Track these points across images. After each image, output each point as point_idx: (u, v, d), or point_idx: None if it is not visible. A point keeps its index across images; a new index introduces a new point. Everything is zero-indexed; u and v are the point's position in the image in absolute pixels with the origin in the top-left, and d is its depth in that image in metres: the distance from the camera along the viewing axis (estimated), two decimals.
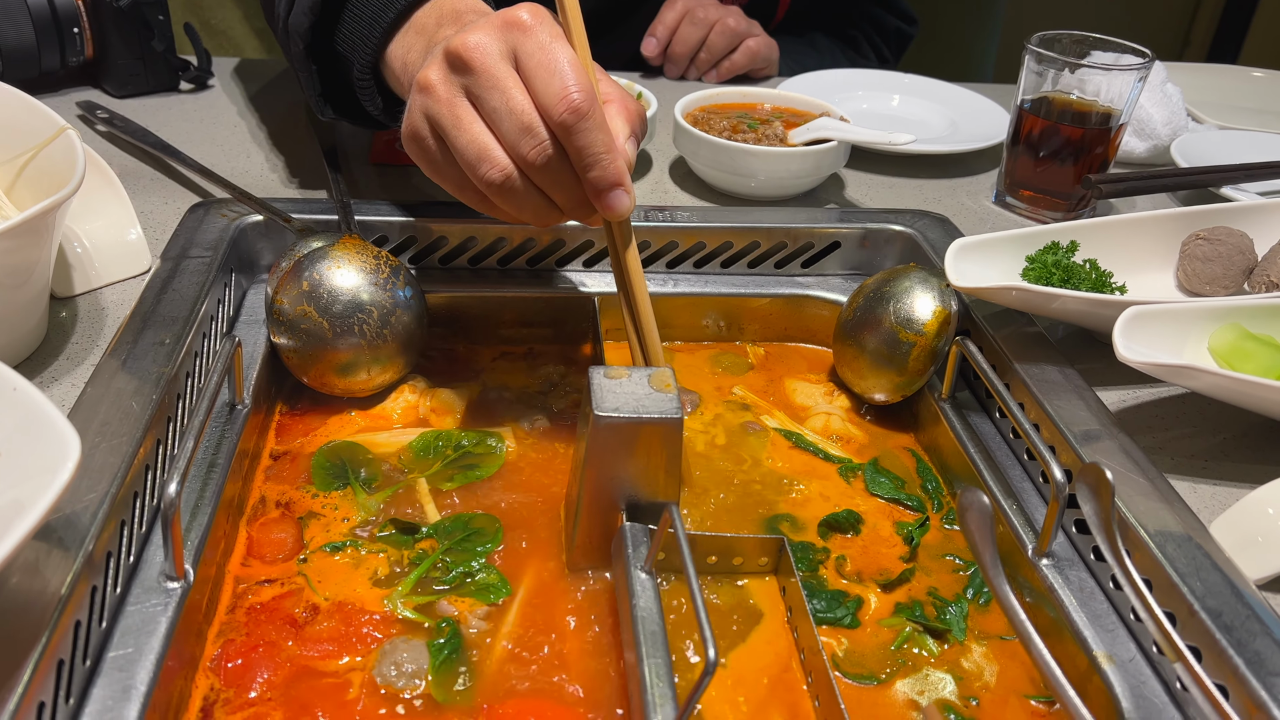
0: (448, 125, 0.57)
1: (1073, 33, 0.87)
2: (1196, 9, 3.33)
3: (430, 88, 0.57)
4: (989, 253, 0.69)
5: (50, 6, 0.89)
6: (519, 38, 0.55)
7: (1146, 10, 3.33)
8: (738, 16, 1.11)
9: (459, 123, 0.56)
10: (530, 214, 0.59)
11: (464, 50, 0.55)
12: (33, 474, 0.41)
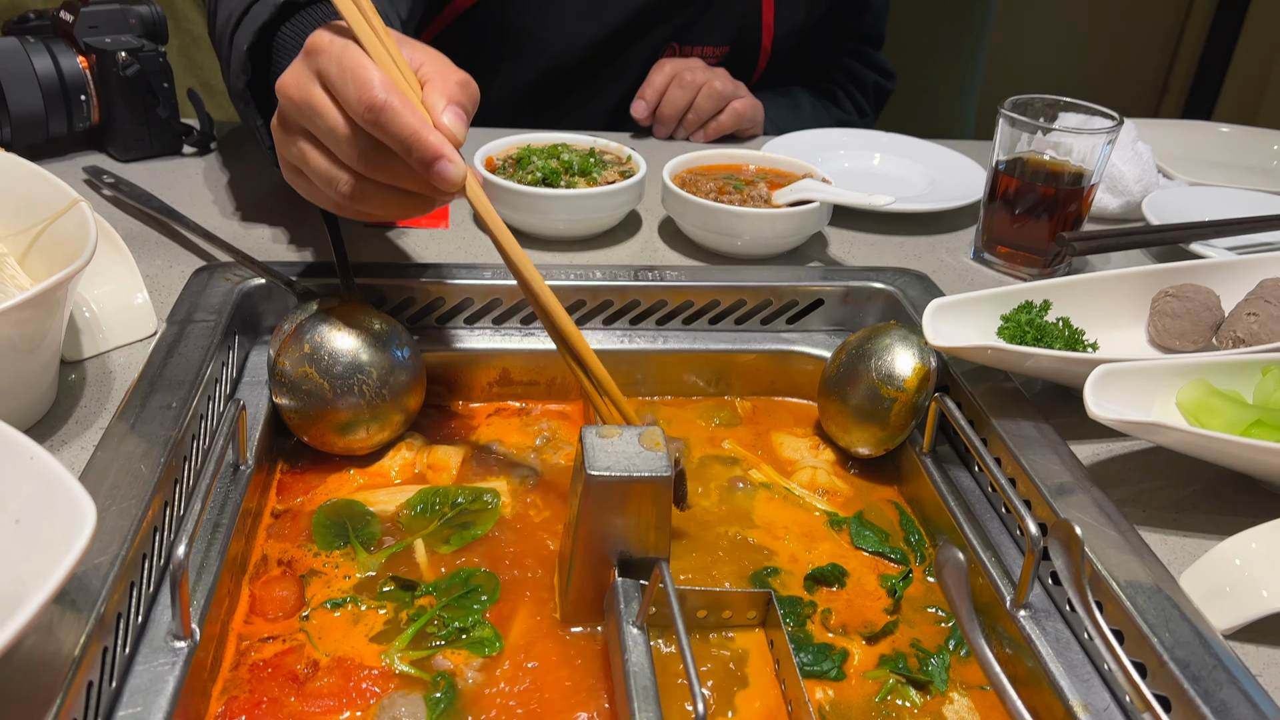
0: (298, 162, 0.63)
1: (1044, 96, 0.90)
2: (1174, 56, 3.41)
3: (277, 131, 0.64)
4: (965, 312, 0.72)
5: (59, 75, 0.92)
6: (318, 61, 0.60)
7: (1125, 57, 3.41)
8: (724, 79, 1.15)
9: (303, 157, 0.62)
10: (397, 209, 0.63)
11: (281, 91, 0.61)
12: (50, 542, 0.43)
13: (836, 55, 1.37)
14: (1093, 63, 3.35)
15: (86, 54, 0.94)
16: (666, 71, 1.14)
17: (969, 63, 1.78)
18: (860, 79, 1.37)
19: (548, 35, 1.19)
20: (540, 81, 1.24)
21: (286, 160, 0.65)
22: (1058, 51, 3.33)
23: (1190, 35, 3.35)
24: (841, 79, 1.38)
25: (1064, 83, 3.35)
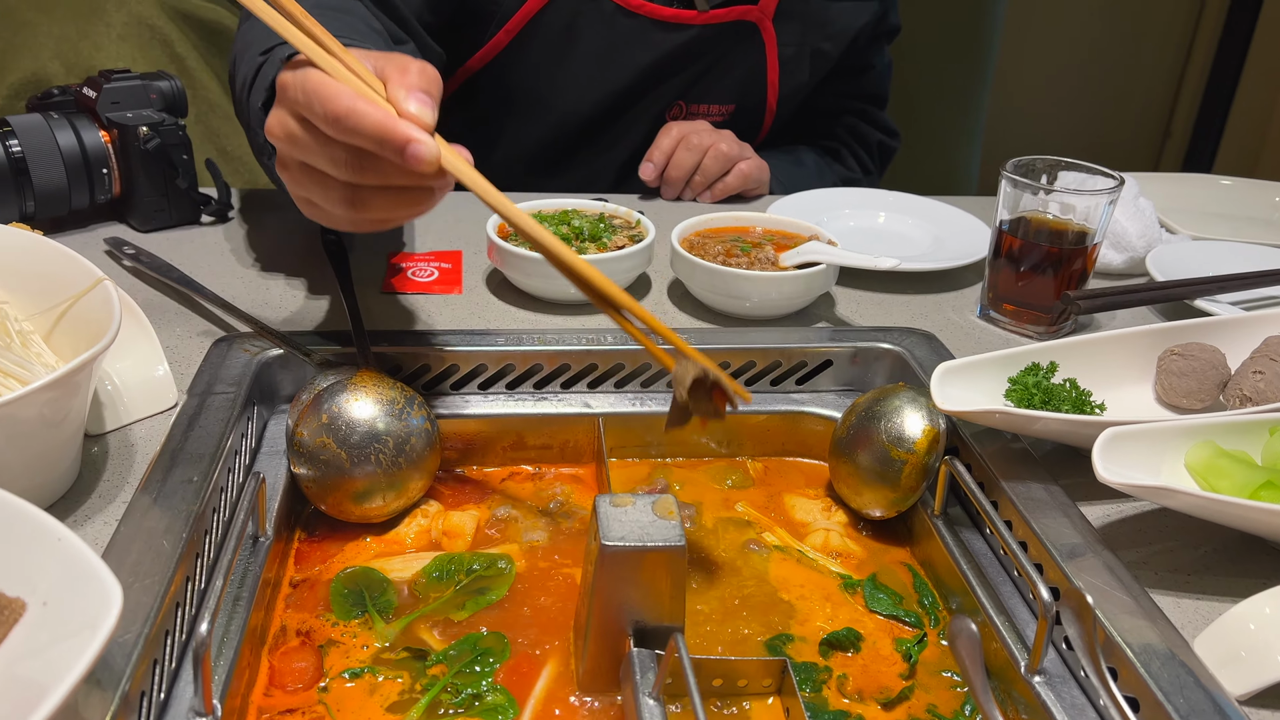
0: (304, 193, 0.67)
1: (1046, 157, 0.92)
2: (1173, 108, 3.45)
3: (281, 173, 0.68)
4: (972, 375, 0.73)
5: (81, 149, 0.95)
6: (287, 96, 0.64)
7: (1125, 109, 3.44)
8: (730, 141, 1.17)
9: (306, 186, 0.66)
10: (401, 208, 0.65)
11: (269, 135, 0.66)
12: (77, 626, 0.44)
13: (841, 115, 1.39)
14: (1092, 116, 3.39)
15: (109, 128, 0.96)
16: (674, 134, 1.16)
17: (971, 117, 1.81)
18: (864, 137, 1.40)
19: (554, 96, 1.22)
20: (548, 141, 1.26)
21: (296, 196, 0.68)
22: (1058, 105, 3.37)
23: (1188, 87, 3.39)
24: (846, 137, 1.40)
25: (1065, 134, 3.39)
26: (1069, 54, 3.33)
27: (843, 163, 1.38)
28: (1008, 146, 3.64)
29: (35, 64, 1.28)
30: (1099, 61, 3.35)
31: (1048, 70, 3.33)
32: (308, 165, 0.65)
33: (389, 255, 0.99)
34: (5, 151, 0.91)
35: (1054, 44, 3.30)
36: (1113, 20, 3.30)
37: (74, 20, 1.31)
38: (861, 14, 1.27)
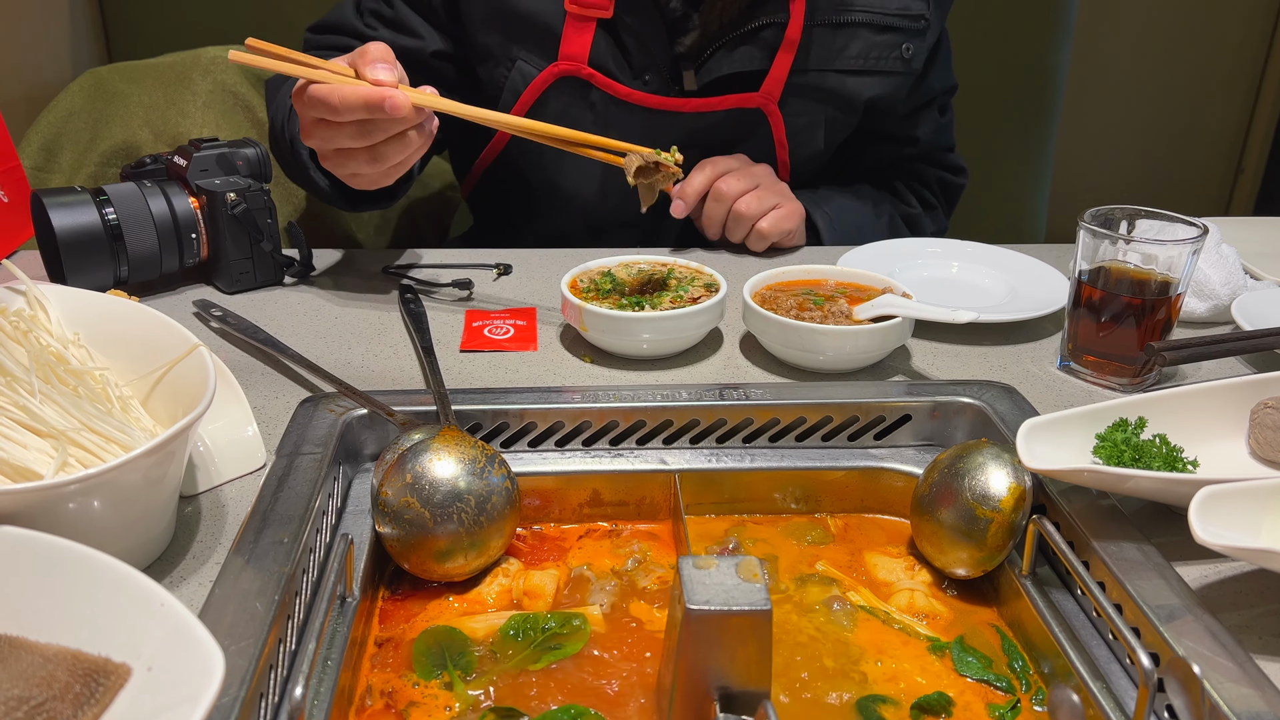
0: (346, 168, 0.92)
1: (1123, 206, 0.91)
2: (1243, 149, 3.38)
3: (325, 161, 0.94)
4: (1058, 431, 0.72)
5: (172, 215, 0.98)
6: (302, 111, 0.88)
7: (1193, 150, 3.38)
8: (753, 199, 1.14)
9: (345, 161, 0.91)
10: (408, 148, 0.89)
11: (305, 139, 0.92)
12: (182, 693, 0.45)
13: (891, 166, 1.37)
14: (1161, 155, 3.33)
15: (197, 195, 1.00)
16: (707, 174, 1.15)
17: (1038, 163, 1.79)
18: (922, 175, 1.37)
19: (567, 183, 1.23)
20: (574, 226, 1.26)
21: (341, 175, 0.94)
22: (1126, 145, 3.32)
23: (1259, 122, 3.32)
24: (901, 175, 1.38)
25: (1134, 174, 3.34)
26: (1135, 93, 3.29)
27: (900, 198, 1.36)
28: (1076, 191, 3.61)
29: (126, 132, 1.33)
30: (1166, 100, 3.30)
31: (1114, 111, 3.29)
32: (339, 149, 0.89)
33: (466, 313, 1.01)
34: (102, 219, 0.95)
35: (1120, 85, 3.26)
36: (1179, 57, 3.25)
37: (163, 90, 1.37)
38: (874, 87, 1.23)
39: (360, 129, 0.86)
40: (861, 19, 1.18)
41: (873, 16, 1.18)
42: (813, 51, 1.17)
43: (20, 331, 0.67)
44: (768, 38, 1.16)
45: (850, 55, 1.19)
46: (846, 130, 1.28)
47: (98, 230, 0.94)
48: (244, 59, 0.86)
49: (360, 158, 0.89)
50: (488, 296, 1.06)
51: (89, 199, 0.95)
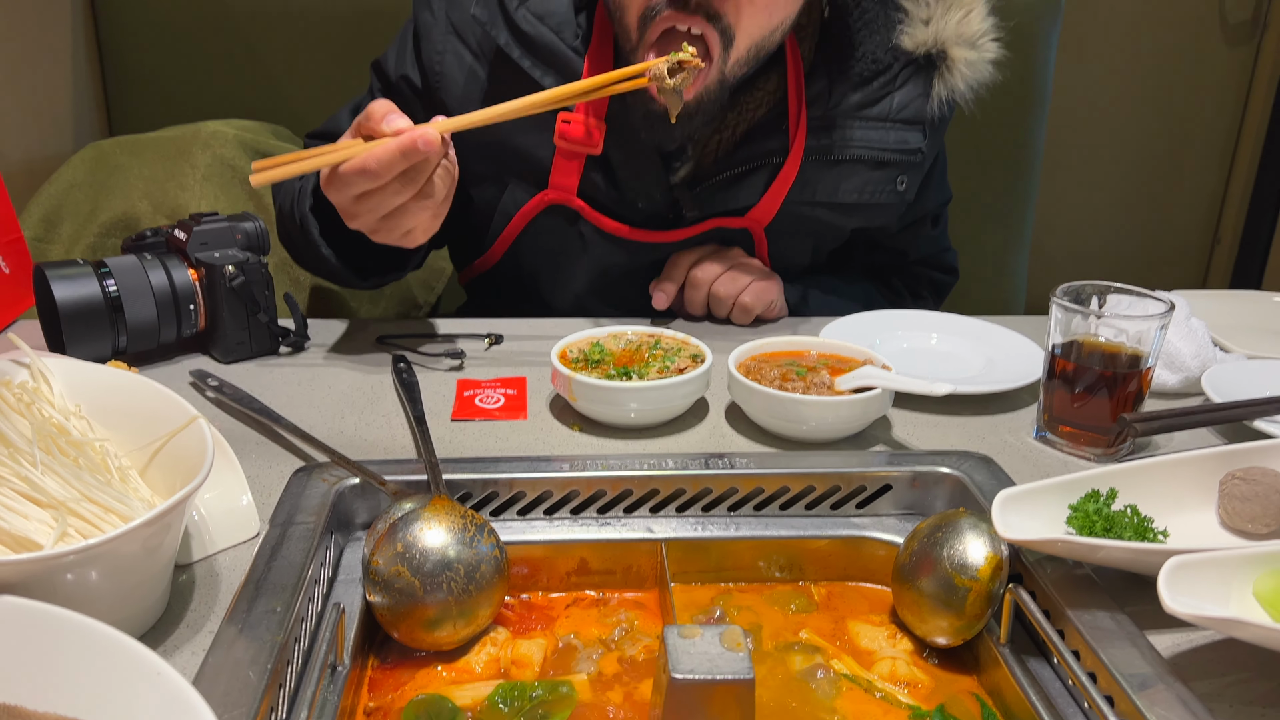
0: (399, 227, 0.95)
1: (1094, 282, 0.94)
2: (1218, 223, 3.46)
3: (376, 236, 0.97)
4: (1033, 502, 0.74)
5: (171, 287, 1.01)
6: (335, 193, 0.93)
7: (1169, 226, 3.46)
8: (728, 280, 1.17)
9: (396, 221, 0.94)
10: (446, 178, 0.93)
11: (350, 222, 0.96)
12: None
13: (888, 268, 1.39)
14: (1139, 225, 3.41)
15: (197, 267, 1.02)
16: (682, 265, 1.18)
17: (1016, 236, 1.84)
18: (911, 273, 1.39)
19: (559, 295, 1.26)
20: (567, 316, 1.29)
21: (396, 239, 0.96)
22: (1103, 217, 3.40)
23: (1234, 192, 3.40)
24: (894, 274, 1.40)
25: (1112, 245, 3.41)
26: (1112, 166, 3.37)
27: (890, 287, 1.38)
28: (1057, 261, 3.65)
29: (125, 204, 1.36)
30: (1142, 171, 3.38)
31: (1091, 184, 3.37)
32: (388, 215, 0.92)
33: (458, 382, 1.03)
34: (103, 291, 0.97)
35: (1095, 158, 3.34)
36: (1153, 129, 3.34)
37: (163, 163, 1.40)
38: (866, 218, 1.24)
39: (404, 180, 0.89)
40: (859, 155, 1.18)
41: (870, 152, 1.18)
42: (807, 186, 1.18)
43: (24, 403, 0.69)
44: (764, 175, 1.17)
45: (845, 190, 1.19)
46: (834, 245, 1.30)
47: (98, 302, 0.96)
48: (264, 179, 0.89)
49: (411, 208, 0.92)
50: (479, 365, 1.09)
51: (90, 271, 0.97)
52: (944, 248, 1.41)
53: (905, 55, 1.17)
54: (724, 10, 1.01)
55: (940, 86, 1.17)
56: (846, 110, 1.16)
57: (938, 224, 1.38)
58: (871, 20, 1.16)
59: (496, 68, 1.15)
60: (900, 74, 1.17)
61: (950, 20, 1.15)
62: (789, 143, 1.16)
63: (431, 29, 1.17)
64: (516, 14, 1.12)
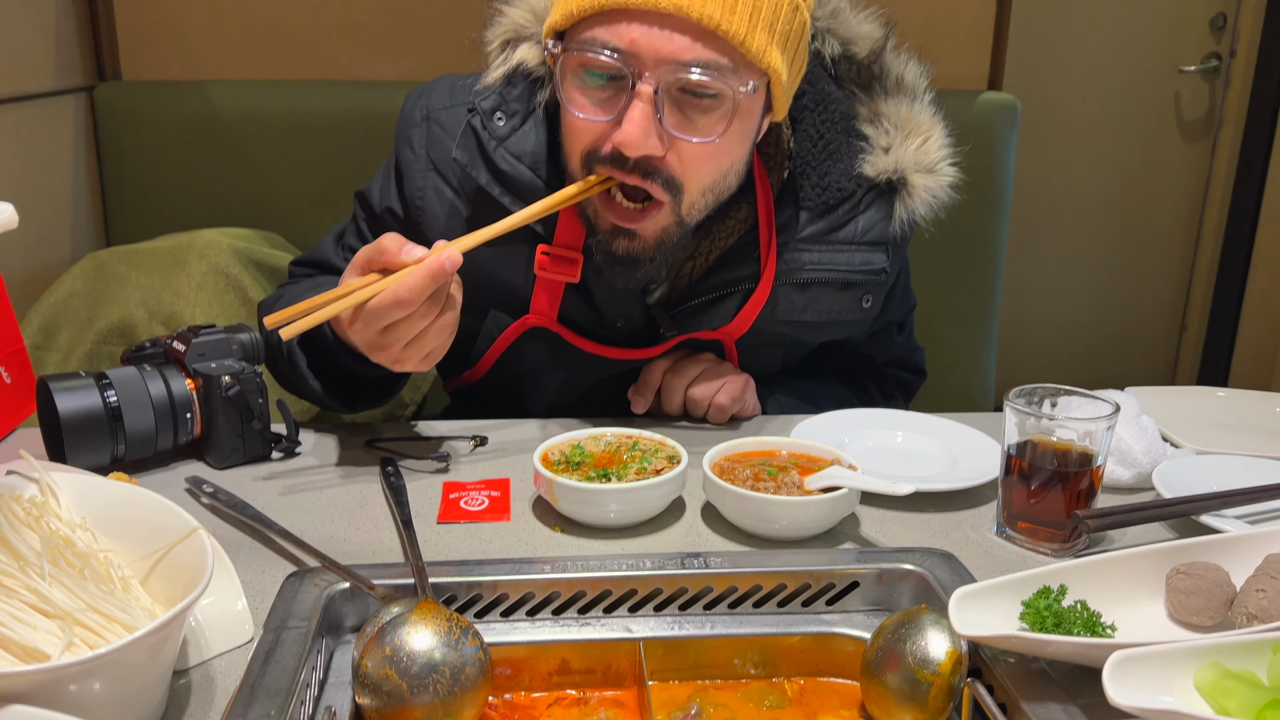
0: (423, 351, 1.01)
1: (1046, 385, 1.00)
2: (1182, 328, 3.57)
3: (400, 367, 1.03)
4: (989, 598, 0.78)
5: (169, 397, 1.05)
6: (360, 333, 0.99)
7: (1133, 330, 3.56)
8: (702, 384, 1.22)
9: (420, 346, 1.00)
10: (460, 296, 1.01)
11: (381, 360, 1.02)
12: None
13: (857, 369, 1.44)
14: (1106, 317, 3.52)
15: (194, 378, 1.07)
16: (657, 374, 1.24)
17: (982, 334, 1.90)
18: (879, 373, 1.45)
19: (540, 403, 1.31)
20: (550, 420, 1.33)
21: (419, 364, 1.02)
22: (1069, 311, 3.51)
23: (1199, 280, 3.52)
24: (859, 377, 1.45)
25: (1079, 337, 3.52)
26: (1076, 261, 3.49)
27: (862, 388, 1.43)
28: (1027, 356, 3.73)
29: (122, 312, 1.42)
30: (1107, 264, 3.50)
31: (1058, 278, 3.49)
32: (411, 341, 0.98)
33: (444, 485, 1.07)
34: (104, 402, 1.01)
35: (1060, 254, 3.47)
36: (1116, 224, 3.47)
37: (159, 272, 1.46)
38: (833, 333, 1.30)
39: (431, 302, 0.96)
40: (827, 277, 1.23)
41: (837, 274, 1.23)
42: (778, 307, 1.23)
43: (33, 517, 0.73)
44: (737, 299, 1.22)
45: (813, 310, 1.25)
46: (803, 353, 1.36)
47: (99, 412, 1.01)
48: (291, 331, 0.95)
49: (433, 330, 0.98)
50: (465, 467, 1.13)
51: (93, 383, 1.02)
52: (911, 349, 1.47)
53: (868, 181, 1.22)
54: (662, 167, 1.05)
55: (901, 209, 1.23)
56: (814, 235, 1.22)
57: (904, 330, 1.44)
58: (835, 150, 1.21)
59: (478, 204, 1.20)
60: (864, 199, 1.23)
61: (909, 148, 1.21)
62: (760, 269, 1.21)
63: (412, 165, 1.22)
64: (495, 154, 1.16)
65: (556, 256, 1.17)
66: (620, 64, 1.01)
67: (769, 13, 1.01)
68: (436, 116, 1.22)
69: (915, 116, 1.23)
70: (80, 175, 1.72)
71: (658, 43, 0.99)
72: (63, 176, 1.67)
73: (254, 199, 1.80)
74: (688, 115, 1.03)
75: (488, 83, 1.19)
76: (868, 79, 1.26)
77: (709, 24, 0.98)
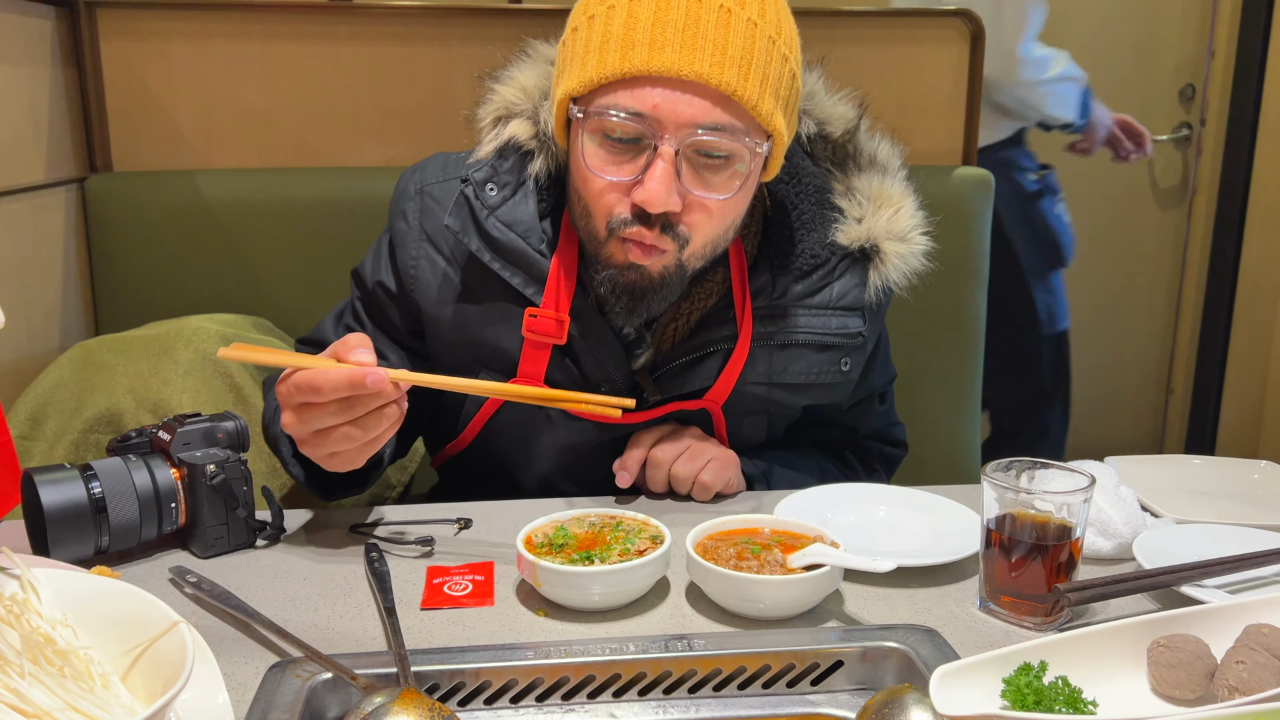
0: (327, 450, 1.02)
1: (1022, 459, 1.01)
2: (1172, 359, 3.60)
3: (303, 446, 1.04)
4: (970, 676, 0.78)
5: (154, 487, 1.06)
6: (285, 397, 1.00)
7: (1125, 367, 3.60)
8: (686, 461, 1.23)
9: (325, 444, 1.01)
10: (385, 421, 1.00)
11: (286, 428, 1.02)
12: None
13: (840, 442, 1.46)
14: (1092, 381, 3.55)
15: (179, 467, 1.08)
16: (643, 446, 1.25)
17: (966, 404, 1.92)
18: (862, 447, 1.46)
19: (527, 476, 1.33)
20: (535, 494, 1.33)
21: (319, 458, 1.03)
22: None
23: (1182, 342, 3.56)
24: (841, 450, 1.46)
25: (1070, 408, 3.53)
26: None
27: (844, 461, 1.44)
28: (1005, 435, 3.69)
29: (110, 400, 1.42)
30: (1091, 331, 3.54)
31: None
32: (319, 431, 0.98)
33: (428, 570, 1.07)
34: (88, 494, 1.02)
35: None
36: (1097, 292, 3.52)
37: (147, 360, 1.47)
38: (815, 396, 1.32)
39: (342, 405, 0.97)
40: (804, 339, 1.27)
41: (814, 336, 1.27)
42: (758, 368, 1.27)
43: (13, 615, 0.73)
44: (717, 360, 1.26)
45: (792, 371, 1.28)
46: (788, 421, 1.38)
47: (83, 504, 1.01)
48: (231, 356, 0.97)
49: (338, 433, 0.98)
50: (450, 550, 1.13)
51: (77, 475, 1.02)
52: (892, 422, 1.49)
53: (842, 250, 1.27)
54: (679, 222, 1.13)
55: (875, 277, 1.27)
56: (789, 300, 1.26)
57: (884, 401, 1.46)
58: (809, 220, 1.27)
59: (468, 271, 1.25)
60: (838, 266, 1.28)
61: (881, 218, 1.26)
62: (738, 330, 1.25)
63: (406, 236, 1.28)
64: (487, 222, 1.21)
65: (544, 318, 1.21)
66: (643, 127, 1.08)
67: (774, 80, 1.10)
68: (430, 190, 1.27)
69: (887, 189, 1.28)
70: (71, 266, 1.74)
71: (679, 107, 1.06)
72: (53, 267, 1.69)
73: (244, 285, 1.82)
74: (702, 175, 1.11)
75: (480, 156, 1.24)
76: (842, 156, 1.33)
77: (726, 90, 1.06)
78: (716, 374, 1.26)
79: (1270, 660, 0.79)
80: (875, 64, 1.97)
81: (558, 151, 1.23)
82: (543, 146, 1.23)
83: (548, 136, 1.22)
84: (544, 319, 1.21)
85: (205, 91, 1.84)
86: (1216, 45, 3.31)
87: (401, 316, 1.31)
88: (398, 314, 1.31)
